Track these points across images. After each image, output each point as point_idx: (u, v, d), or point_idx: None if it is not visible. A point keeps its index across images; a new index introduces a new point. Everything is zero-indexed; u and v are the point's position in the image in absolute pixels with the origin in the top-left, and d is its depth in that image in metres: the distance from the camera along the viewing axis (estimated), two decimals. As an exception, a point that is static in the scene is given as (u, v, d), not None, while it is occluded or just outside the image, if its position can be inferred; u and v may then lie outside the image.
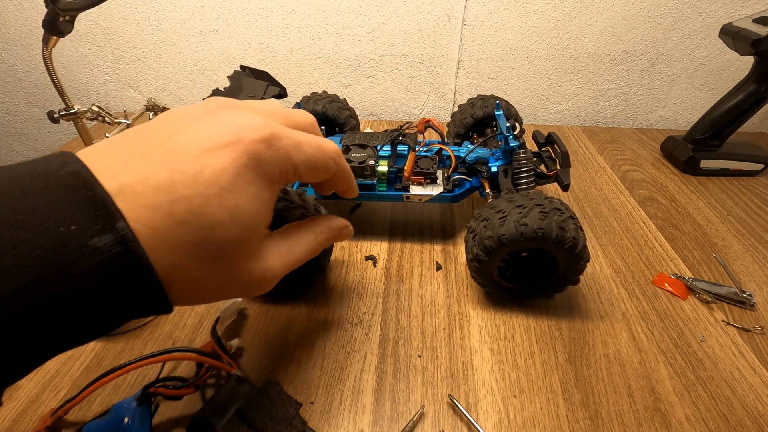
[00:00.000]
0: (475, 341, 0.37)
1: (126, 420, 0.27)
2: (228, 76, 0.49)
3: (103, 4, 0.48)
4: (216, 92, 0.45)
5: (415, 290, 0.42)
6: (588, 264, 0.36)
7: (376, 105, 0.84)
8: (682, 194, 0.58)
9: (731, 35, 0.52)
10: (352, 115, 0.58)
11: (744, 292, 0.41)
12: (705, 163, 0.61)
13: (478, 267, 0.37)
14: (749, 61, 0.54)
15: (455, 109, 0.80)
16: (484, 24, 0.72)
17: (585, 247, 0.34)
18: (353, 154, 0.44)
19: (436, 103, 0.82)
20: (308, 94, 0.58)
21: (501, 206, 0.35)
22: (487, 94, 0.56)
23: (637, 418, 0.31)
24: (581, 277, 0.37)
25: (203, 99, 0.42)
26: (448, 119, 0.83)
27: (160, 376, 0.31)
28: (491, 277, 0.38)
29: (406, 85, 0.80)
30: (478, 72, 0.77)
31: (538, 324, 0.39)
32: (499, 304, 0.41)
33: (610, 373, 0.35)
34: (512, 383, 0.34)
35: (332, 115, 0.55)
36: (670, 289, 0.42)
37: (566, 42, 0.73)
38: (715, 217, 0.53)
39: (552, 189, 0.58)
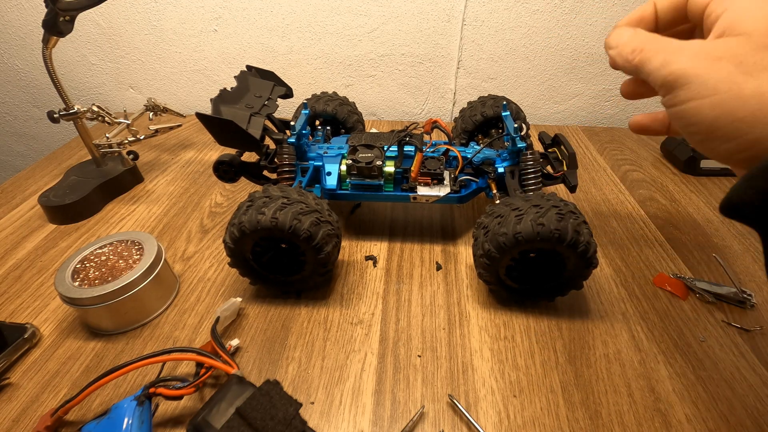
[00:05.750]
0: (475, 341, 0.37)
1: (126, 420, 0.27)
2: (235, 77, 0.49)
3: (103, 4, 0.48)
4: (223, 92, 0.45)
5: (415, 290, 0.42)
6: (588, 264, 0.36)
7: (376, 105, 0.84)
8: (682, 194, 0.58)
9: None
10: (360, 120, 0.58)
11: (744, 292, 0.41)
12: (705, 163, 0.61)
13: (488, 264, 0.36)
14: (749, 61, 0.54)
15: (455, 109, 0.80)
16: (484, 24, 0.72)
17: (595, 252, 0.34)
18: (360, 155, 0.43)
19: (436, 103, 0.82)
20: (318, 93, 0.58)
21: (517, 204, 0.35)
22: (486, 94, 0.56)
23: (637, 418, 0.31)
24: (581, 277, 0.37)
25: (210, 99, 0.43)
26: (449, 120, 0.83)
27: (160, 376, 0.31)
28: (498, 275, 0.38)
29: (406, 85, 0.80)
30: (478, 72, 0.77)
31: (538, 324, 0.39)
32: (499, 304, 0.41)
33: (610, 373, 0.35)
34: (512, 383, 0.34)
35: (341, 118, 0.56)
36: (670, 289, 0.42)
37: (566, 42, 0.73)
38: (715, 217, 0.53)
39: (555, 189, 0.58)
